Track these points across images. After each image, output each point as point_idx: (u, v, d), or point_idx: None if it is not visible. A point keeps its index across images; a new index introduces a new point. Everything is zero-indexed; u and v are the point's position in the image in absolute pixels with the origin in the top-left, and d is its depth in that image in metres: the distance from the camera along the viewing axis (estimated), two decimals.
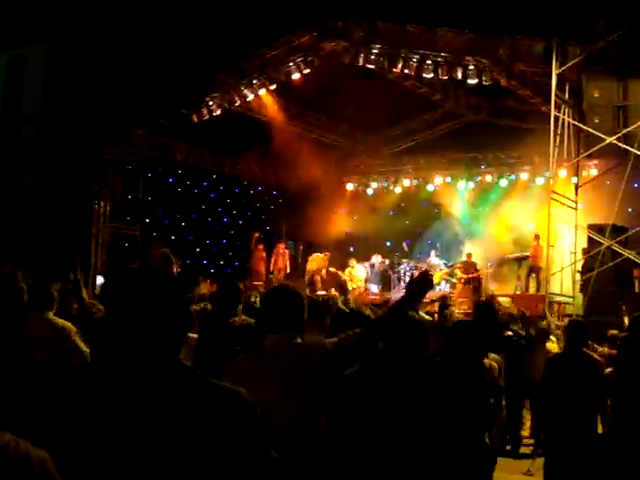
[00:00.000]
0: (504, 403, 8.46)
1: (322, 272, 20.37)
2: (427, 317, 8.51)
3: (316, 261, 20.55)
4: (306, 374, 3.23)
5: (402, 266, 21.01)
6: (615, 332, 8.22)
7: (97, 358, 5.16)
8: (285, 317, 3.37)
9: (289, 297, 3.44)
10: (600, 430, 5.94)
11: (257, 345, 3.45)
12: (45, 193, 19.40)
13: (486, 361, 4.67)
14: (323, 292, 17.62)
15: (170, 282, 2.05)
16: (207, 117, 18.31)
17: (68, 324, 5.78)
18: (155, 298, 1.98)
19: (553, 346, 9.51)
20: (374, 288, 20.81)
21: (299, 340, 3.40)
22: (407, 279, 20.16)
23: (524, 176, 21.13)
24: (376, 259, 21.05)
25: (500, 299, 16.47)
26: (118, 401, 1.89)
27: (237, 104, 18.31)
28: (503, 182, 21.75)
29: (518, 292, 18.51)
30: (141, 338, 1.96)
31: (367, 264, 21.00)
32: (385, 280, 20.97)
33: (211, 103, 18.17)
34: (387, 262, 21.11)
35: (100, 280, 16.86)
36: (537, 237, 18.32)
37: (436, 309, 12.06)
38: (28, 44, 21.18)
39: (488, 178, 21.96)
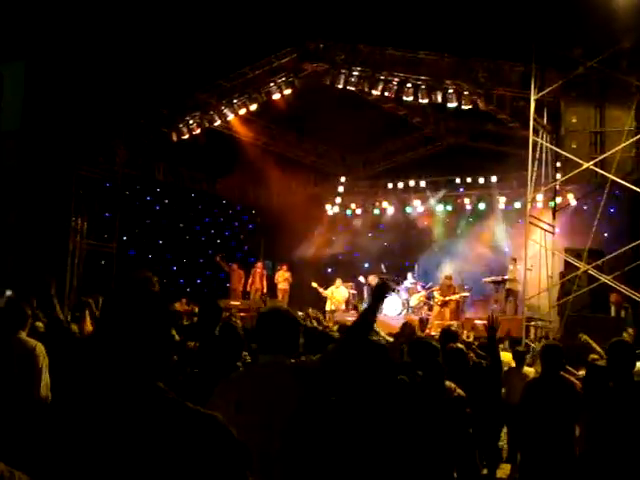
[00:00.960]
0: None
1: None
2: (389, 338, 8.50)
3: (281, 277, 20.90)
4: (294, 395, 3.26)
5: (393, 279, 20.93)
6: (596, 357, 8.21)
7: (70, 378, 5.09)
8: (277, 339, 3.42)
9: (282, 319, 3.49)
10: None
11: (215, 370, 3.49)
12: (22, 209, 19.22)
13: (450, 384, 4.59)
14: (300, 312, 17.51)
15: (153, 303, 2.02)
16: (187, 136, 18.28)
17: (40, 346, 5.61)
18: (136, 319, 1.96)
19: (530, 370, 9.50)
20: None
21: (292, 361, 3.45)
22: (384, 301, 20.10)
23: (502, 199, 21.28)
24: (374, 280, 20.64)
25: (477, 322, 16.54)
26: (91, 426, 1.85)
27: (217, 123, 18.29)
28: (481, 205, 21.89)
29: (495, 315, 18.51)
30: (119, 359, 1.93)
31: (365, 285, 20.64)
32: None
33: (191, 122, 18.14)
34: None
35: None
36: (515, 260, 18.43)
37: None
38: (7, 61, 21.08)
39: (467, 201, 22.10)
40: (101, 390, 1.91)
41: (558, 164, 14.63)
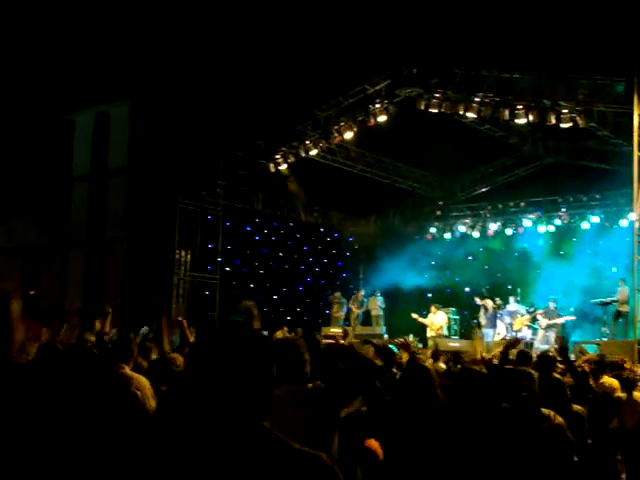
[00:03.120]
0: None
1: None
2: (443, 366, 8.34)
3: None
4: (303, 415, 3.36)
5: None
6: None
7: (173, 415, 5.19)
8: (283, 370, 3.46)
9: (290, 349, 3.60)
10: None
11: None
12: (129, 243, 19.97)
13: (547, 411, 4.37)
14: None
15: (256, 342, 2.05)
16: (284, 166, 18.59)
17: (142, 379, 5.68)
18: (240, 358, 1.98)
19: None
20: (489, 334, 19.56)
21: (299, 388, 3.54)
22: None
23: (607, 218, 20.54)
24: (480, 302, 20.19)
25: (585, 346, 15.96)
26: (199, 467, 1.88)
27: (313, 153, 18.52)
28: (585, 225, 21.17)
29: (605, 339, 17.87)
30: (223, 398, 1.94)
31: (482, 306, 20.12)
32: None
33: (288, 153, 18.44)
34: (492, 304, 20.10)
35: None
36: (623, 281, 17.74)
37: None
38: (112, 101, 22.10)
39: (569, 221, 21.42)
40: (207, 431, 1.93)
41: None
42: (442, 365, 9.53)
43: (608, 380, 9.20)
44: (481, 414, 3.91)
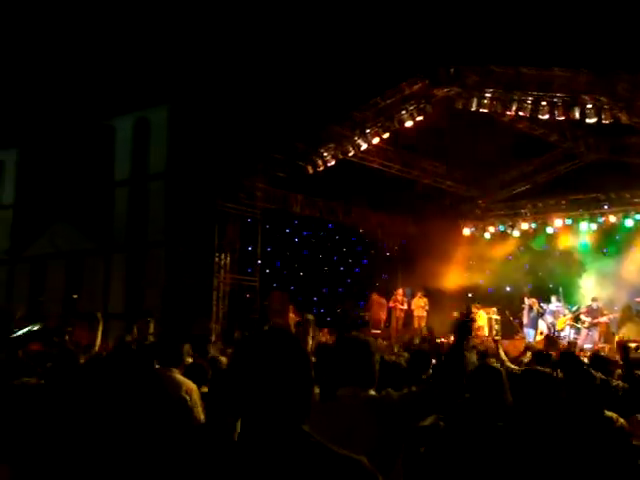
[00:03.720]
0: None
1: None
2: (514, 367, 8.23)
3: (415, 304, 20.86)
4: (373, 425, 3.19)
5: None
6: None
7: (218, 421, 5.25)
8: (354, 370, 3.34)
9: (359, 350, 3.39)
10: None
11: None
12: (169, 247, 20.19)
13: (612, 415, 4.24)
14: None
15: (295, 347, 2.07)
16: (322, 168, 18.60)
17: (191, 383, 5.69)
18: (281, 365, 2.01)
19: None
20: (530, 334, 19.39)
21: (372, 392, 3.34)
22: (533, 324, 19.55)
23: None
24: (528, 301, 20.01)
25: (631, 345, 15.69)
26: (242, 473, 1.91)
27: (351, 154, 18.52)
28: (629, 222, 20.79)
29: None
30: (265, 405, 1.97)
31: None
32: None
33: (325, 154, 18.46)
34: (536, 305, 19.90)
35: None
36: None
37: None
38: (151, 107, 22.37)
39: (612, 218, 21.02)
40: (249, 435, 1.96)
41: None
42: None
43: None
44: (548, 416, 3.82)
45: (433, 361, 7.13)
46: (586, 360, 12.67)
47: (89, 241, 24.59)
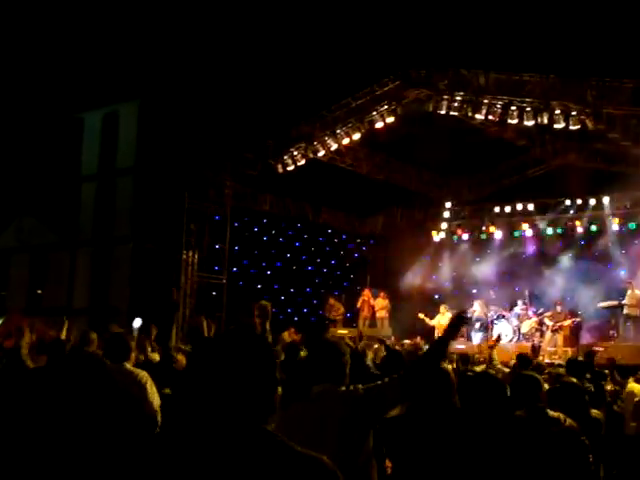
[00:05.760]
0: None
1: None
2: (505, 369, 8.29)
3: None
4: (343, 418, 3.50)
5: (490, 314, 20.57)
6: None
7: (176, 417, 5.26)
8: (327, 369, 3.69)
9: (331, 350, 3.76)
10: None
11: None
12: (136, 243, 20.02)
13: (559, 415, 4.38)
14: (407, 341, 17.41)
15: (258, 345, 2.05)
16: (292, 167, 18.57)
17: (144, 373, 5.86)
18: (240, 361, 1.99)
19: None
20: (476, 338, 19.50)
21: (342, 388, 3.66)
22: (495, 328, 19.70)
23: (615, 221, 20.43)
24: (478, 307, 20.13)
25: (595, 349, 15.89)
26: (200, 471, 1.89)
27: (321, 154, 18.51)
28: (593, 227, 21.07)
29: (613, 342, 17.80)
30: (223, 401, 1.95)
31: (469, 312, 20.18)
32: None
33: (296, 153, 18.43)
34: (487, 309, 20.08)
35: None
36: (630, 284, 17.68)
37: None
38: (121, 101, 22.15)
39: (578, 223, 21.32)
40: (209, 434, 1.94)
41: None
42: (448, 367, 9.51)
43: (632, 385, 9.18)
44: (492, 418, 3.95)
45: None
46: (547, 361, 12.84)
47: (54, 235, 24.28)
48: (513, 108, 15.83)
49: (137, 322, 16.42)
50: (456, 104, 16.36)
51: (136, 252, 20.62)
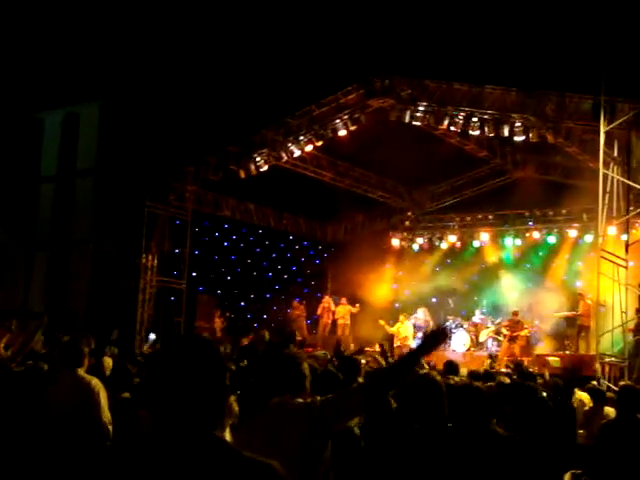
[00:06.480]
0: None
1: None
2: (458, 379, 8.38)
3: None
4: (300, 429, 3.50)
5: (448, 323, 20.76)
6: None
7: (128, 423, 5.25)
8: (284, 381, 3.70)
9: (287, 362, 3.79)
10: None
11: None
12: (95, 246, 19.77)
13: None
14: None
15: (207, 353, 2.05)
16: (254, 173, 18.54)
17: (96, 380, 5.89)
18: (191, 369, 1.99)
19: (611, 410, 9.13)
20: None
21: (300, 400, 3.66)
22: (453, 337, 19.89)
23: (572, 233, 20.80)
24: (421, 314, 20.42)
25: (550, 359, 16.13)
26: (143, 474, 1.88)
27: (284, 160, 18.51)
28: (551, 239, 21.42)
29: (567, 352, 18.09)
30: (177, 410, 1.95)
31: (412, 318, 20.53)
32: None
33: (258, 159, 18.39)
34: (429, 319, 20.39)
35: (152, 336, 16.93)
36: (582, 295, 18.02)
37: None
38: (82, 102, 21.89)
39: (536, 235, 21.65)
40: (159, 441, 1.93)
41: (630, 197, 14.29)
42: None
43: (579, 394, 9.33)
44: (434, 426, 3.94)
45: None
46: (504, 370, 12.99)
47: (11, 237, 23.85)
48: (475, 119, 16.02)
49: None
50: (419, 114, 16.49)
51: (95, 255, 20.35)
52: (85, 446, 5.31)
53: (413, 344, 19.76)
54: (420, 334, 19.84)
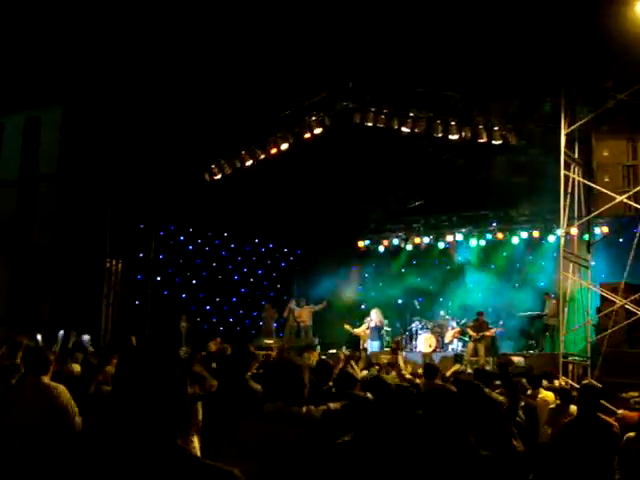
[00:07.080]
0: None
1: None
2: (409, 378, 8.44)
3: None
4: (296, 439, 3.44)
5: (414, 324, 20.91)
6: (635, 394, 7.98)
7: (92, 430, 5.21)
8: (283, 388, 3.61)
9: (289, 370, 3.70)
10: None
11: None
12: (58, 251, 19.51)
13: None
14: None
15: (169, 361, 2.04)
16: (219, 176, 18.46)
17: (61, 387, 5.84)
18: (154, 380, 1.98)
19: (575, 408, 9.23)
20: (375, 346, 19.72)
21: (295, 409, 3.59)
22: (418, 338, 20.02)
23: (535, 234, 21.05)
24: (374, 315, 20.32)
25: (514, 358, 16.31)
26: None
27: (249, 163, 18.45)
28: (514, 240, 21.66)
29: (532, 351, 18.31)
30: (138, 418, 1.94)
31: (365, 320, 20.40)
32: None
33: (223, 162, 18.32)
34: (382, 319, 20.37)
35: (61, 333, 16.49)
36: (548, 295, 18.24)
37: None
38: (44, 106, 21.60)
39: (500, 236, 21.86)
40: (120, 449, 1.92)
41: (591, 197, 14.51)
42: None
43: (544, 393, 9.45)
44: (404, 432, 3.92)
45: None
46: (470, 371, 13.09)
47: None
48: (437, 122, 16.16)
49: (61, 333, 16.04)
50: (383, 117, 16.59)
51: (57, 261, 20.08)
52: (54, 454, 5.24)
53: (367, 344, 19.79)
54: (374, 334, 19.90)
